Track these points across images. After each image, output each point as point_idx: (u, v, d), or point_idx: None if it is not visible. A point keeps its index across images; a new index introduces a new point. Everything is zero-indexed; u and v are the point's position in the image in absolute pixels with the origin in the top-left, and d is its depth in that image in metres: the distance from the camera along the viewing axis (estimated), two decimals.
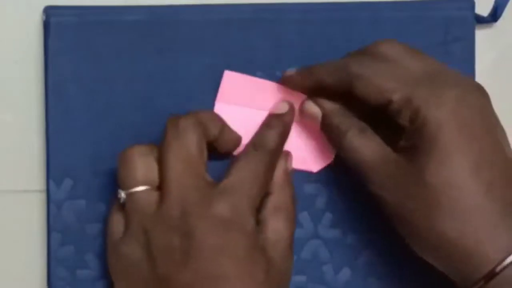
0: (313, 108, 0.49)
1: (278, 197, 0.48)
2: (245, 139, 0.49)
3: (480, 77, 0.51)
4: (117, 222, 0.47)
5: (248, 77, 0.50)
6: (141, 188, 0.46)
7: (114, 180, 0.49)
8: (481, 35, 0.51)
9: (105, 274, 0.50)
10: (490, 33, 0.52)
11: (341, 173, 0.51)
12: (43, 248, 0.50)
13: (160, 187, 0.46)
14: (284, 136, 0.49)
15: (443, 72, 0.46)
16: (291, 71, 0.49)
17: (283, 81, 0.50)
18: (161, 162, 0.46)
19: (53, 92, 0.49)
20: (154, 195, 0.46)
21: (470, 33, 0.51)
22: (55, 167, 0.50)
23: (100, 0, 0.50)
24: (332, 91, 0.47)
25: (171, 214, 0.45)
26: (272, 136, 0.48)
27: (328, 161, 0.51)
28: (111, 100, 0.50)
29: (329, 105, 0.48)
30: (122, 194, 0.47)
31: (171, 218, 0.45)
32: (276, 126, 0.48)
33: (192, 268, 0.44)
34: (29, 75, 0.51)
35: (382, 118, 0.46)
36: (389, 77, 0.45)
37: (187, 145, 0.46)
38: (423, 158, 0.44)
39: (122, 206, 0.47)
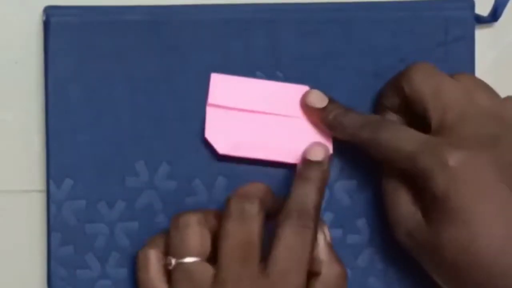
0: None
1: (328, 278, 0.47)
2: (241, 140, 0.49)
3: (480, 77, 0.51)
4: (161, 280, 0.47)
5: (235, 77, 0.50)
6: (193, 259, 0.46)
7: (114, 181, 0.50)
8: (481, 35, 0.51)
9: (105, 274, 0.50)
10: (490, 33, 0.52)
11: (341, 172, 0.51)
12: (43, 248, 0.50)
13: (215, 262, 0.46)
14: (323, 189, 0.47)
15: (458, 124, 0.45)
16: (315, 96, 0.49)
17: (304, 102, 0.50)
18: (220, 243, 0.45)
19: (53, 92, 0.49)
20: (207, 269, 0.46)
21: (470, 33, 0.51)
22: (55, 167, 0.49)
23: (100, 0, 0.50)
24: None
25: None
26: (312, 196, 0.46)
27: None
28: (111, 100, 0.50)
29: None
30: (173, 262, 0.46)
31: None
32: (314, 179, 0.47)
33: None
34: (29, 75, 0.50)
35: None
36: (400, 143, 0.46)
37: (250, 233, 0.45)
38: (439, 223, 0.45)
39: (167, 271, 0.47)
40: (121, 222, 0.50)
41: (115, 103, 0.50)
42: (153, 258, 0.47)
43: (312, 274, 0.47)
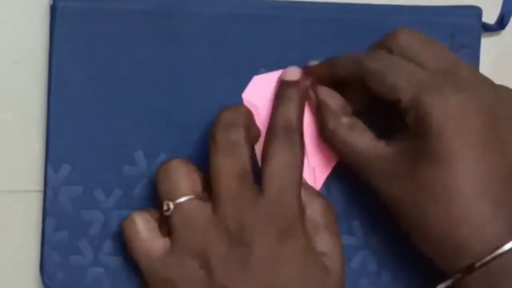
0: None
1: (314, 214, 0.47)
2: None
3: None
4: (153, 236, 0.47)
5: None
6: (188, 197, 0.46)
7: (112, 169, 0.50)
8: (487, 43, 0.51)
9: (98, 261, 0.50)
10: (495, 41, 0.52)
11: (339, 174, 0.51)
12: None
13: (212, 199, 0.46)
14: (303, 106, 0.48)
15: (455, 70, 0.46)
16: (313, 63, 0.49)
17: (306, 72, 0.49)
18: (214, 179, 0.46)
19: (56, 76, 0.49)
20: (205, 206, 0.46)
21: (476, 41, 0.51)
22: (54, 152, 0.49)
23: None
24: (347, 83, 0.48)
25: (229, 227, 0.45)
26: (293, 110, 0.47)
27: (327, 172, 0.51)
28: (114, 88, 0.50)
29: (325, 92, 0.49)
30: (171, 205, 0.46)
31: (230, 231, 0.45)
32: (292, 96, 0.48)
33: (251, 278, 0.45)
34: (29, 76, 0.50)
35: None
36: (401, 75, 0.45)
37: (242, 163, 0.46)
38: (422, 160, 0.44)
39: (161, 219, 0.47)
40: (117, 210, 0.50)
41: (117, 91, 0.50)
42: (138, 219, 0.47)
43: None
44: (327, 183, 0.51)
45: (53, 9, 0.49)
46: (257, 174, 0.47)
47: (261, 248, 0.45)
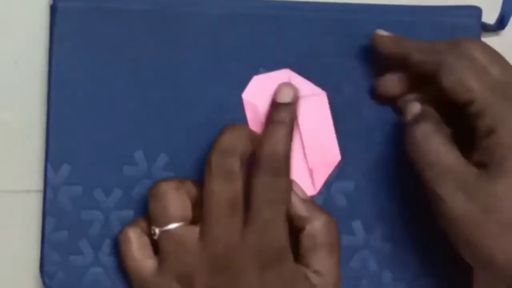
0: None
1: (313, 230, 0.47)
2: None
3: None
4: (145, 256, 0.48)
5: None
6: (176, 224, 0.46)
7: (112, 169, 0.50)
8: (487, 43, 0.51)
9: (98, 261, 0.50)
10: (495, 41, 0.52)
11: (339, 174, 0.51)
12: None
13: (200, 223, 0.46)
14: (292, 131, 0.48)
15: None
16: (383, 33, 0.49)
17: (373, 40, 0.49)
18: (205, 202, 0.46)
19: (56, 77, 0.49)
20: (193, 231, 0.46)
21: None
22: (54, 151, 0.49)
23: None
24: (415, 70, 0.47)
25: (215, 254, 0.45)
26: (283, 141, 0.47)
27: (327, 174, 0.51)
28: (114, 88, 0.50)
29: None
30: (157, 231, 0.47)
31: (215, 257, 0.45)
32: (284, 121, 0.47)
33: None
34: (30, 75, 0.50)
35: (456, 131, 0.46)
36: (476, 78, 0.44)
37: (234, 190, 0.46)
38: (498, 174, 0.43)
39: (151, 240, 0.48)
40: (116, 210, 0.50)
41: (118, 91, 0.50)
42: (132, 236, 0.48)
43: (298, 230, 0.47)
44: (327, 183, 0.51)
45: (53, 9, 0.49)
46: None
47: (246, 278, 0.45)
